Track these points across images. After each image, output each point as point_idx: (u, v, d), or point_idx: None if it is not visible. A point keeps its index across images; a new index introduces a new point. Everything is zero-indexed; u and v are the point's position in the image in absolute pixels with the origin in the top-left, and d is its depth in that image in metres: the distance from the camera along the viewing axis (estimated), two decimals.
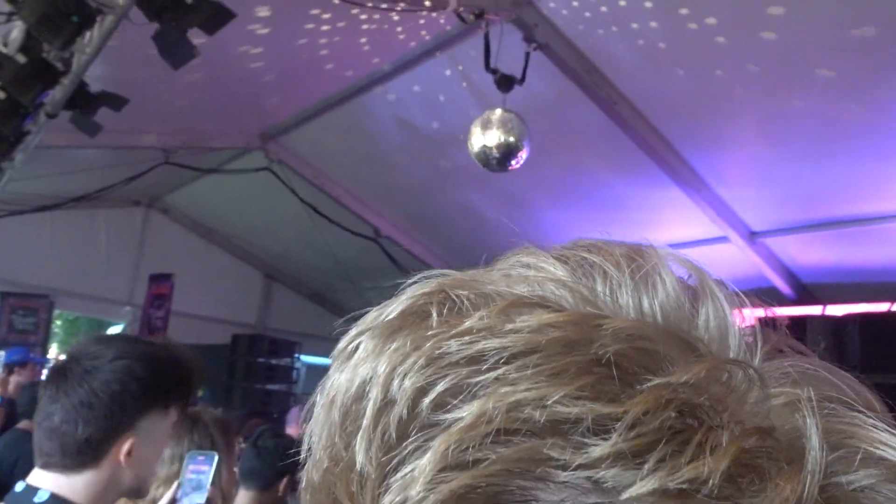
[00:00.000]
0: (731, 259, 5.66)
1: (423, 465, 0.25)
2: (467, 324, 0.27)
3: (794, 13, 3.48)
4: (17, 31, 2.61)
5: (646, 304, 0.29)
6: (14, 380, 5.51)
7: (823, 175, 4.60)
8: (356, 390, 0.29)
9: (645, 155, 4.84)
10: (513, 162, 4.01)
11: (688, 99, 4.42)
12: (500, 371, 0.25)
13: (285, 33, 4.31)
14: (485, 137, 3.95)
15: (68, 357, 1.31)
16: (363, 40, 4.53)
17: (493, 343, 0.26)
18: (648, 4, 3.78)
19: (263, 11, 3.97)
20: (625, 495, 0.23)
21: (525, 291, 0.29)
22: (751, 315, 0.31)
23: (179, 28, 2.57)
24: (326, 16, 4.13)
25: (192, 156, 6.38)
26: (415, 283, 0.32)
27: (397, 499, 0.26)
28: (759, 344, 0.29)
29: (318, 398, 0.32)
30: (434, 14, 4.14)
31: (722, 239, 5.48)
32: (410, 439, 0.26)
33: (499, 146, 3.93)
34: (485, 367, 0.26)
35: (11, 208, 6.45)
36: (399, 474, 0.26)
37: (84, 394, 1.23)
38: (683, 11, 3.72)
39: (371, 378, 0.28)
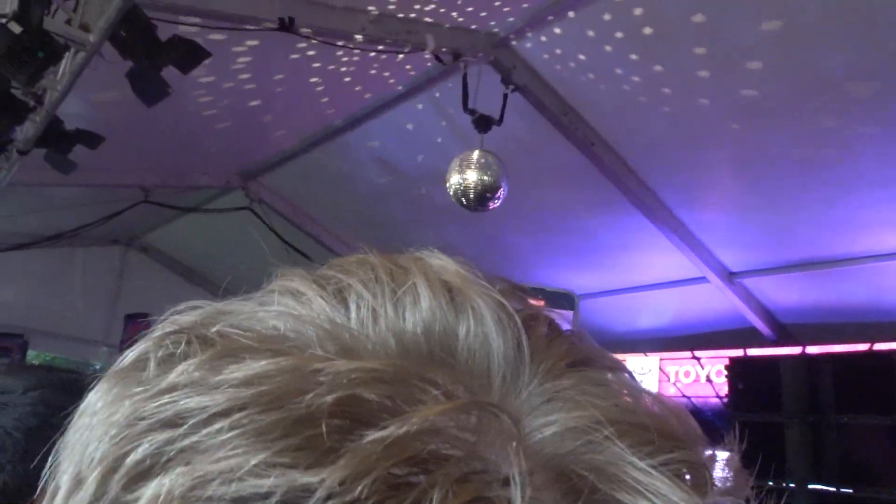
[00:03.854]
0: (710, 299, 5.67)
1: None
2: (170, 378, 0.23)
3: (771, 66, 3.54)
4: None
5: (407, 328, 0.25)
6: None
7: (799, 217, 4.64)
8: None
9: (623, 196, 4.86)
10: (490, 202, 4.02)
11: (664, 141, 4.47)
12: (196, 436, 0.21)
13: (265, 71, 4.33)
14: (462, 177, 3.96)
15: None
16: (344, 80, 4.55)
17: (195, 402, 0.22)
18: (634, 56, 3.83)
19: (243, 49, 3.99)
20: None
21: (260, 330, 0.26)
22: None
23: (153, 66, 2.58)
24: (311, 53, 4.16)
25: (172, 195, 6.35)
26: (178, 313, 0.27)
27: None
28: (529, 362, 0.26)
29: None
30: (417, 54, 4.18)
31: (701, 279, 5.49)
32: None
33: (476, 186, 3.94)
34: (180, 431, 0.22)
35: None
36: None
37: None
38: (658, 68, 3.78)
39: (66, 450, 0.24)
